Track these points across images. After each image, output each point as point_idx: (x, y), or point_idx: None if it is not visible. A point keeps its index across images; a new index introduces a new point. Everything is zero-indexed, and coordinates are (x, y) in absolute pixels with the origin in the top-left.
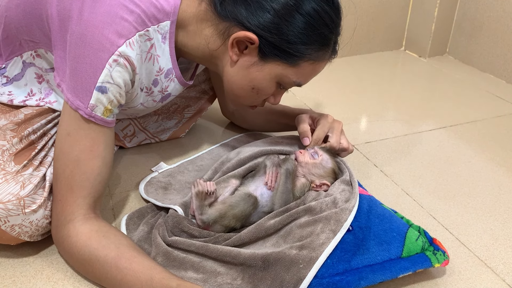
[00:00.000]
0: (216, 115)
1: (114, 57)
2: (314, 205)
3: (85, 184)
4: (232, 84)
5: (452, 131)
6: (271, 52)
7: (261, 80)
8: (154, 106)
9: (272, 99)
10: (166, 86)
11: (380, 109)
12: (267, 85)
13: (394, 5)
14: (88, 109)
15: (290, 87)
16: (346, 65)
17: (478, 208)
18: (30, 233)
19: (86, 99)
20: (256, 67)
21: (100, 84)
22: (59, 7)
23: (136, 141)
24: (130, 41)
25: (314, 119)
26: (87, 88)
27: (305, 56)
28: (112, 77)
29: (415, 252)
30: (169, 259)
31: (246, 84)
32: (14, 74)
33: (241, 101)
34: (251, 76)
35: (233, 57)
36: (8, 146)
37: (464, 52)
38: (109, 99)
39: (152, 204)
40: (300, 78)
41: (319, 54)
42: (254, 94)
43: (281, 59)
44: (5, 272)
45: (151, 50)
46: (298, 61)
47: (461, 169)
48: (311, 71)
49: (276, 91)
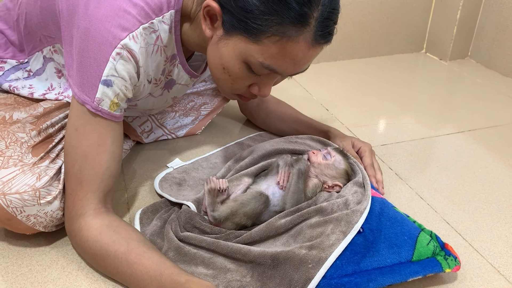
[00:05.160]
0: (233, 113)
1: (117, 50)
2: (325, 206)
3: (94, 179)
4: (210, 64)
5: (470, 136)
6: (231, 24)
7: (228, 57)
8: (161, 95)
9: (256, 89)
10: (170, 70)
11: (398, 111)
12: (233, 64)
13: (416, 7)
14: (95, 103)
15: (262, 73)
16: (365, 66)
17: (494, 214)
18: (45, 224)
19: (92, 93)
20: (223, 42)
21: (105, 78)
22: (68, 2)
23: (153, 137)
24: (133, 34)
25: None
26: (92, 82)
27: (266, 30)
28: (117, 70)
29: (426, 257)
30: (180, 254)
31: (217, 62)
32: (36, 68)
33: (221, 85)
34: (220, 52)
35: (207, 31)
36: (27, 138)
37: (487, 56)
38: (114, 92)
39: (166, 200)
40: (268, 60)
41: (286, 31)
42: (227, 76)
43: (241, 32)
44: (22, 260)
45: (157, 42)
46: (260, 36)
47: (478, 175)
48: (280, 52)
49: (252, 76)
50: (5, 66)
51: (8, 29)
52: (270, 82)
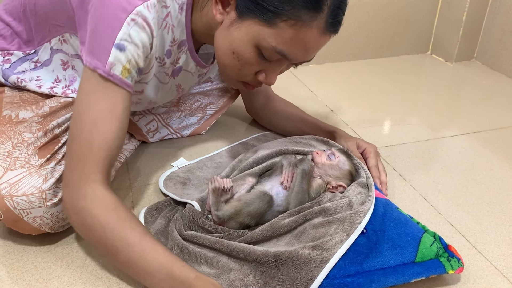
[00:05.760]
0: (238, 112)
1: (132, 16)
2: (329, 206)
3: (104, 146)
4: (218, 51)
5: (475, 138)
6: (246, 6)
7: (239, 41)
8: (167, 82)
9: (263, 76)
10: (178, 58)
11: (403, 113)
12: (245, 48)
13: (422, 8)
14: (107, 68)
15: (274, 58)
16: (370, 67)
17: (498, 216)
18: (51, 225)
19: (105, 58)
20: (235, 26)
21: (119, 42)
22: None
23: (158, 136)
24: (148, 4)
25: (360, 147)
26: (105, 46)
27: (282, 13)
28: (130, 36)
29: (429, 258)
30: (184, 252)
31: (227, 47)
32: (44, 59)
33: (227, 71)
34: (231, 37)
35: (217, 16)
36: (33, 139)
37: (493, 58)
38: (127, 57)
39: (170, 198)
40: (281, 45)
41: (302, 15)
42: (236, 61)
43: (256, 15)
44: (27, 257)
45: (166, 18)
46: (275, 19)
47: (482, 177)
48: (294, 36)
49: (263, 62)
50: (11, 58)
51: (13, 21)
52: (278, 69)
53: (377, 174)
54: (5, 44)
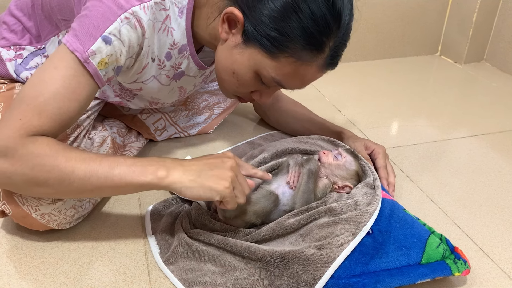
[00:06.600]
0: (246, 111)
1: (127, 14)
2: (335, 207)
3: (56, 118)
4: (218, 64)
5: (483, 140)
6: (253, 36)
7: (240, 65)
8: (168, 84)
9: (258, 95)
10: (180, 63)
11: (411, 114)
12: (245, 72)
13: (431, 9)
14: (86, 54)
15: (271, 85)
16: (379, 68)
17: (506, 219)
18: (58, 222)
19: (88, 44)
20: (239, 50)
21: (107, 35)
22: None
23: (166, 135)
24: (145, 5)
25: (369, 148)
26: (93, 34)
27: (285, 51)
28: (120, 32)
29: (435, 259)
30: (189, 250)
31: (228, 66)
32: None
33: (225, 85)
34: (233, 58)
35: (223, 35)
36: None
37: (503, 60)
38: (109, 52)
39: (176, 196)
40: (279, 76)
41: (304, 55)
42: (235, 80)
43: (261, 46)
44: (35, 252)
45: (165, 21)
46: (278, 54)
47: (490, 179)
48: (293, 72)
49: (260, 86)
50: (23, 53)
51: (23, 16)
52: (273, 92)
53: (385, 175)
54: (16, 39)
